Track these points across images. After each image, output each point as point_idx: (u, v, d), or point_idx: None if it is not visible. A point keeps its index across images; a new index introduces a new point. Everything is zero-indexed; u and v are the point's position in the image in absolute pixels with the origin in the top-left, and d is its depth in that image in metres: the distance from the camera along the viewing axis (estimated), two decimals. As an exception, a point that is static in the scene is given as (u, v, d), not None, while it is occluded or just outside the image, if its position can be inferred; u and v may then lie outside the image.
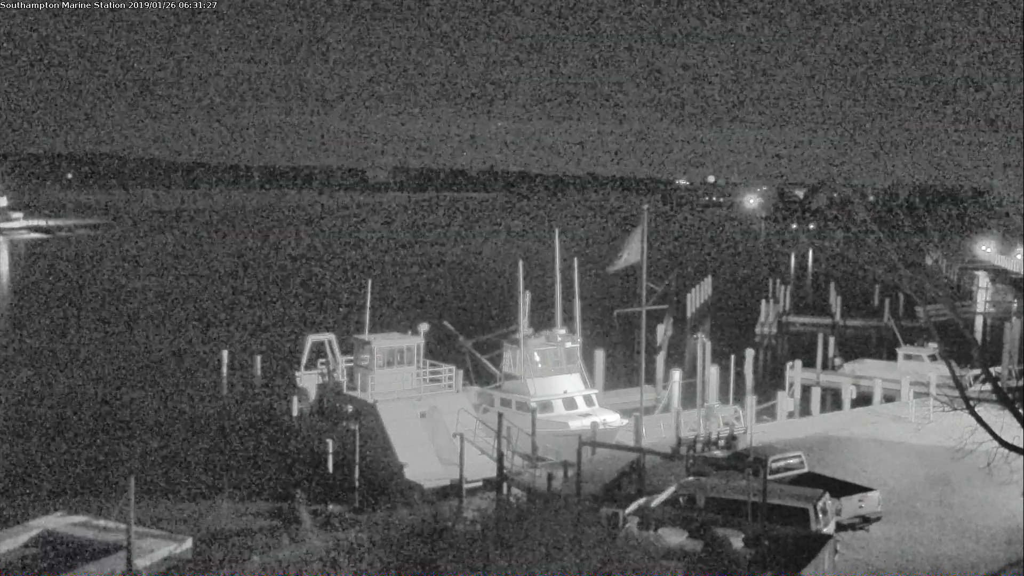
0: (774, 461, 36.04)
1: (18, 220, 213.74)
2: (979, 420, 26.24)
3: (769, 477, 32.14)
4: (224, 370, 54.29)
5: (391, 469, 41.11)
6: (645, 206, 46.21)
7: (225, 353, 54.95)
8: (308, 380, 49.69)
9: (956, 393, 27.11)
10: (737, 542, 28.02)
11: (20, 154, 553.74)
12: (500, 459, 39.89)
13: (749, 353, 59.95)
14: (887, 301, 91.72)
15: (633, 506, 33.41)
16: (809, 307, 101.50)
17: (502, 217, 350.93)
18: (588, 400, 47.63)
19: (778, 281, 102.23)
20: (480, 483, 40.09)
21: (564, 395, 46.98)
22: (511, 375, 48.17)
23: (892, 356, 64.94)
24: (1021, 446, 26.42)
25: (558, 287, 51.03)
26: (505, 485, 39.46)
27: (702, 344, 51.13)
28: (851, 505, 34.08)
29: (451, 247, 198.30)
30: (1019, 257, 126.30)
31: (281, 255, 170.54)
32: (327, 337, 50.27)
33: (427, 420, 43.69)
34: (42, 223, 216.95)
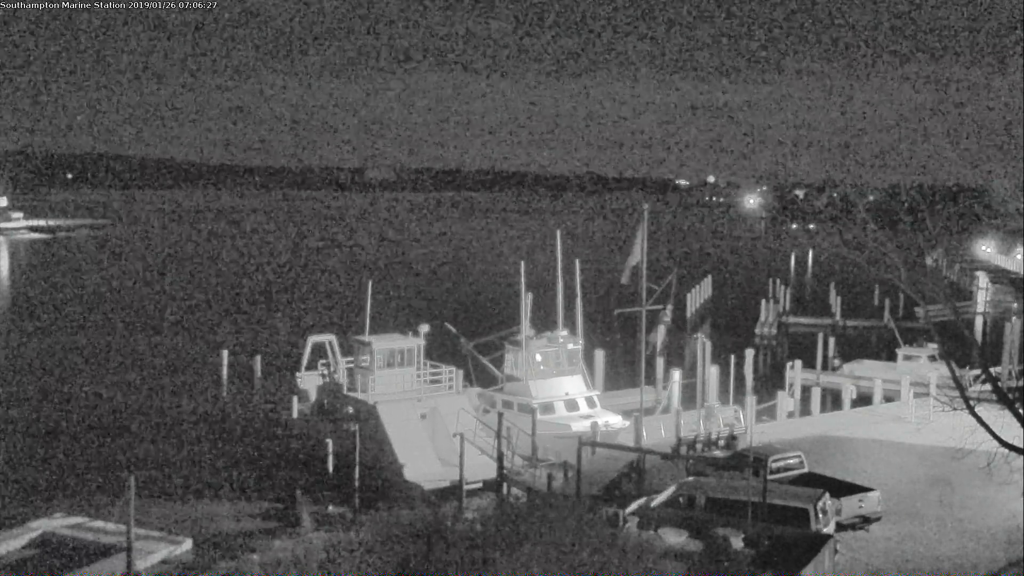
0: (774, 461, 36.05)
1: (18, 220, 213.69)
2: (979, 420, 26.27)
3: (769, 477, 32.17)
4: (224, 370, 54.22)
5: (391, 470, 41.10)
6: (645, 206, 46.23)
7: (225, 353, 54.90)
8: (308, 381, 49.67)
9: (956, 393, 27.13)
10: (737, 542, 28.04)
11: (20, 154, 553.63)
12: (500, 459, 39.88)
13: (749, 353, 59.96)
14: (887, 301, 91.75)
15: (633, 506, 33.43)
16: (809, 307, 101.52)
17: (503, 217, 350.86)
18: (590, 402, 47.65)
19: (778, 281, 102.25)
20: (480, 484, 40.07)
21: (566, 397, 46.98)
22: (513, 376, 48.17)
23: (892, 356, 64.92)
24: (1021, 446, 26.44)
25: (560, 288, 51.05)
26: (505, 485, 39.45)
27: (702, 344, 51.15)
28: (851, 505, 34.08)
29: (451, 247, 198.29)
30: (1019, 257, 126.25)
31: (282, 255, 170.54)
32: (327, 338, 50.26)
33: (427, 421, 43.68)
34: (42, 223, 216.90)
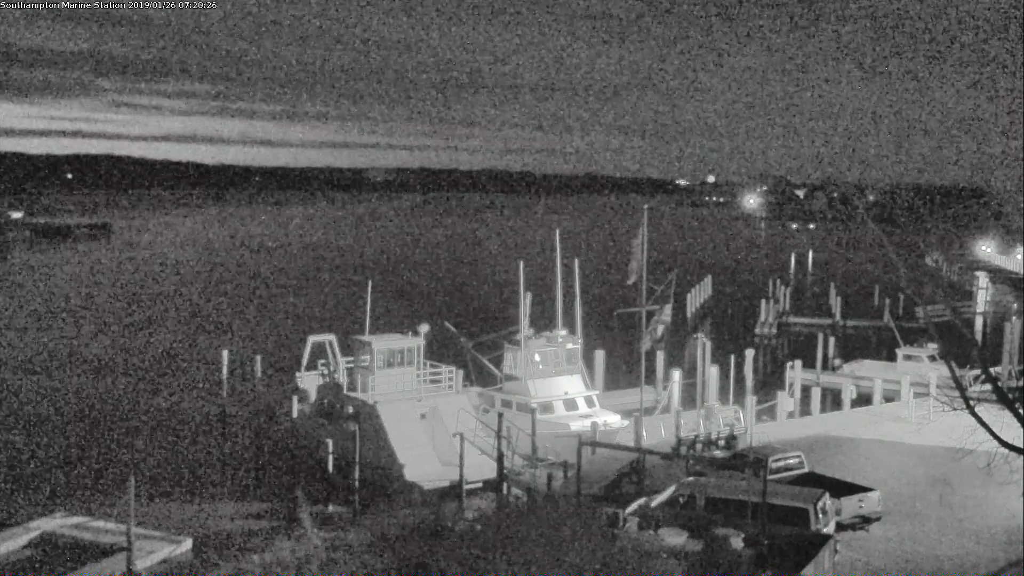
0: (774, 461, 36.06)
1: (18, 220, 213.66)
2: (979, 420, 26.24)
3: (769, 477, 32.17)
4: (224, 370, 54.17)
5: (391, 470, 41.10)
6: (646, 207, 46.33)
7: (225, 353, 54.83)
8: (309, 381, 49.68)
9: (956, 393, 27.11)
10: (737, 542, 28.03)
11: (20, 154, 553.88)
12: (500, 459, 39.89)
13: (749, 353, 59.94)
14: (887, 301, 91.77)
15: (633, 506, 33.43)
16: (809, 307, 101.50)
17: (502, 217, 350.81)
18: (589, 401, 47.68)
19: (778, 281, 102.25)
20: (480, 484, 40.07)
21: (565, 396, 47.02)
22: (512, 376, 48.20)
23: (892, 356, 64.93)
24: (1021, 446, 26.42)
25: (559, 288, 51.09)
26: (505, 485, 39.46)
27: (702, 344, 51.15)
28: (851, 505, 34.09)
29: (451, 247, 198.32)
30: (1019, 257, 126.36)
31: (282, 255, 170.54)
32: (327, 338, 50.25)
33: (427, 421, 43.69)
34: (42, 223, 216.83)
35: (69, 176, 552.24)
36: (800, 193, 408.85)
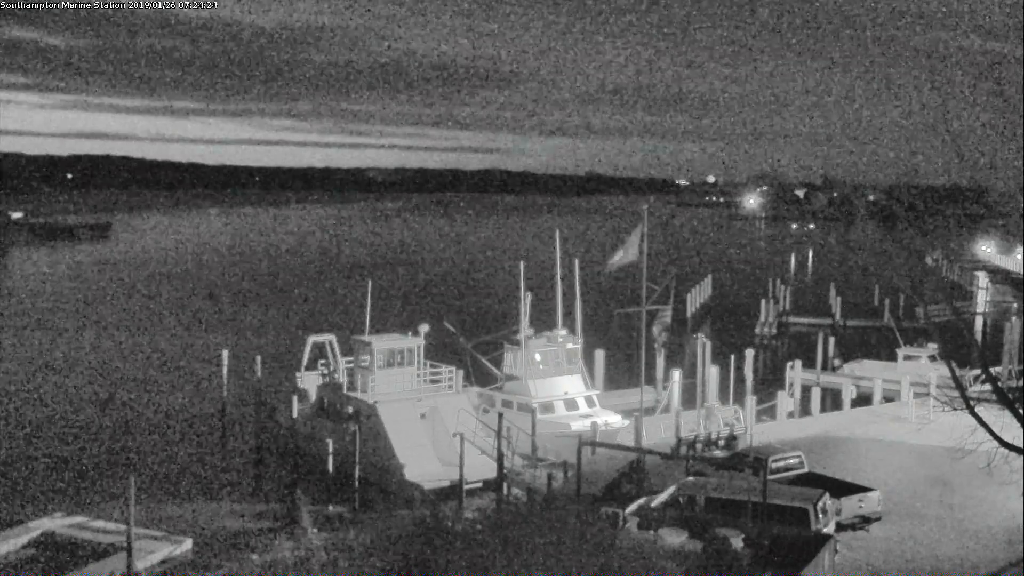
0: (774, 461, 36.09)
1: (18, 220, 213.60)
2: (979, 420, 26.24)
3: (769, 477, 32.18)
4: (224, 370, 54.19)
5: (391, 470, 41.11)
6: (645, 206, 46.35)
7: (225, 353, 54.84)
8: (309, 381, 49.69)
9: (956, 393, 27.11)
10: (737, 542, 28.04)
11: (20, 154, 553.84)
12: (500, 459, 39.90)
13: (749, 353, 59.92)
14: (887, 301, 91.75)
15: (633, 506, 33.44)
16: (809, 307, 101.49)
17: (503, 217, 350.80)
18: (589, 401, 47.70)
19: (778, 281, 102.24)
20: (480, 484, 40.09)
21: (565, 396, 47.04)
22: (512, 376, 48.21)
23: (892, 356, 64.93)
24: (1021, 446, 26.42)
25: (559, 288, 51.11)
26: (505, 485, 39.47)
27: (702, 344, 51.13)
28: (851, 505, 34.12)
29: (451, 247, 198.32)
30: (1019, 257, 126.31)
31: (282, 255, 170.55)
32: (327, 338, 50.26)
33: (427, 421, 43.70)
34: (42, 223, 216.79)
35: (69, 176, 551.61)
36: (800, 193, 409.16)
